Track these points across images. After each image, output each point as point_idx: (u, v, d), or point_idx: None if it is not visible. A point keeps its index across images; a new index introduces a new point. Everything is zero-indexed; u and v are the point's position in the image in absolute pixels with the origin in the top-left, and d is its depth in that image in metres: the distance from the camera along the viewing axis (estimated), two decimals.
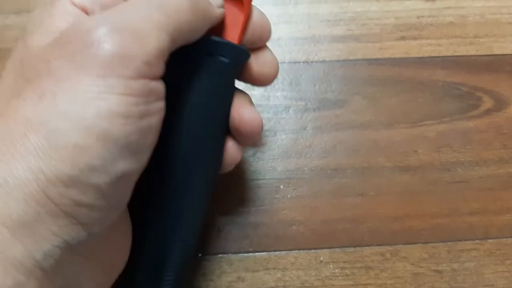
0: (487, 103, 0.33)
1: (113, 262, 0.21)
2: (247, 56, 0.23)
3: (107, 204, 0.18)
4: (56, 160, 0.16)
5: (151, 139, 0.18)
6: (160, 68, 0.18)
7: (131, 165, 0.18)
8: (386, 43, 0.34)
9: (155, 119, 0.18)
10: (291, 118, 0.32)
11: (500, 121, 0.33)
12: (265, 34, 0.24)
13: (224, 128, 0.24)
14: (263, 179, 0.31)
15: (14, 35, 0.33)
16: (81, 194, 0.17)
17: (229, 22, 0.23)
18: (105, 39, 0.17)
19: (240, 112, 0.23)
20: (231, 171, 0.26)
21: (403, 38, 0.34)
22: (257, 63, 0.24)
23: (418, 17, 0.34)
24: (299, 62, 0.33)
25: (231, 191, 0.30)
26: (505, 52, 0.34)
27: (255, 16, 0.24)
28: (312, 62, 0.33)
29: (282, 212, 0.30)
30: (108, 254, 0.21)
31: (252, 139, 0.24)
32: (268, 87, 0.33)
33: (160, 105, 0.18)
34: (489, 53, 0.34)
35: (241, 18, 0.23)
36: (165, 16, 0.18)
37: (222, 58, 0.22)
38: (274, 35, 0.33)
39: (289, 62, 0.33)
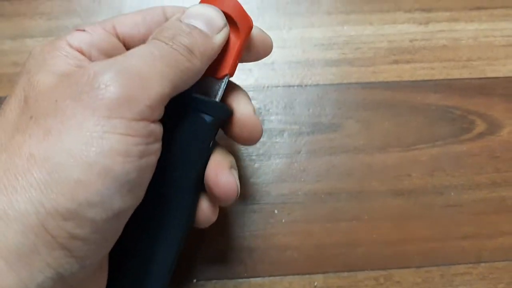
0: (480, 126, 0.33)
1: None
2: (229, 114, 0.24)
3: (102, 238, 0.18)
4: (57, 194, 0.17)
5: (148, 178, 0.19)
6: (160, 112, 0.19)
7: (128, 202, 0.18)
8: (380, 67, 0.34)
9: (153, 159, 0.19)
10: (285, 142, 0.33)
11: (493, 145, 0.33)
12: (268, 50, 0.26)
13: (198, 183, 0.24)
14: (257, 203, 0.31)
15: (10, 60, 0.33)
16: (78, 227, 0.17)
17: (224, 47, 0.23)
18: (111, 83, 0.18)
19: (216, 175, 0.23)
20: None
21: (396, 61, 0.34)
22: (240, 126, 0.24)
23: (411, 41, 0.35)
24: (293, 86, 0.34)
25: (226, 216, 0.31)
26: (498, 75, 0.34)
27: (255, 33, 0.25)
28: (306, 86, 0.34)
29: (276, 237, 0.31)
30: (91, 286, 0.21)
31: (225, 203, 0.24)
32: (262, 111, 0.33)
33: (158, 146, 0.19)
34: (482, 76, 0.34)
35: (236, 44, 0.23)
36: (167, 66, 0.19)
37: (203, 115, 0.23)
38: (268, 59, 0.34)
39: (283, 86, 0.34)
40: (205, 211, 0.24)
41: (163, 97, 0.19)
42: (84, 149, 0.17)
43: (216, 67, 0.23)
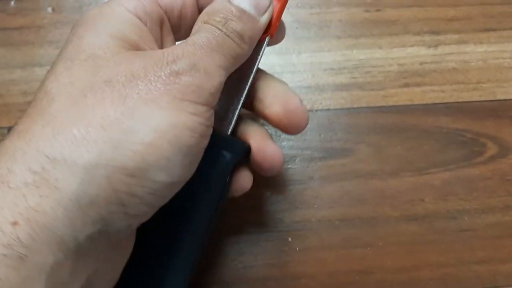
0: (492, 149, 0.34)
1: (121, 260, 0.22)
2: (248, 151, 0.25)
3: (154, 202, 0.20)
4: (128, 152, 0.18)
5: (200, 158, 0.21)
6: (216, 99, 0.21)
7: (184, 175, 0.20)
8: (390, 91, 0.34)
9: (206, 142, 0.21)
10: (297, 168, 0.33)
11: (505, 168, 0.33)
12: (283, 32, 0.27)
13: (215, 210, 0.25)
14: (271, 231, 0.31)
15: (20, 89, 0.33)
16: (139, 186, 0.19)
17: None
18: (186, 72, 0.20)
19: (262, 147, 0.25)
20: (239, 225, 0.26)
21: (406, 85, 0.35)
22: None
23: (421, 64, 0.35)
24: None
25: (240, 246, 0.31)
26: (508, 97, 0.35)
27: None
28: (316, 110, 0.34)
29: (291, 266, 0.31)
30: (121, 251, 0.22)
31: (273, 172, 0.26)
32: (274, 137, 0.33)
33: (211, 131, 0.21)
34: (493, 98, 0.35)
35: (278, 5, 0.24)
36: (223, 56, 0.21)
37: (223, 152, 0.24)
38: None
39: None
40: (242, 179, 0.26)
41: (221, 85, 0.21)
42: (159, 118, 0.19)
43: None
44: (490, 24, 0.36)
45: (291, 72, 0.35)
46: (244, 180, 0.26)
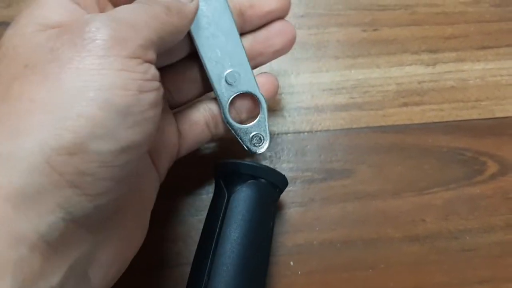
0: (492, 167, 0.34)
1: (126, 243, 0.23)
2: (286, 182, 0.30)
3: (111, 174, 0.19)
4: (60, 130, 0.17)
5: (153, 114, 0.20)
6: (152, 55, 0.21)
7: (134, 136, 0.19)
8: (389, 110, 0.35)
9: (154, 96, 0.20)
10: (298, 190, 0.33)
11: (506, 186, 0.33)
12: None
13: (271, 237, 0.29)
14: (273, 255, 0.32)
15: None
16: (84, 162, 0.18)
17: None
18: (102, 26, 0.19)
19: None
20: None
21: (405, 104, 0.35)
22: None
23: (419, 83, 0.35)
24: (303, 132, 0.34)
25: None
26: (507, 115, 0.35)
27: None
28: (316, 131, 0.34)
29: None
30: (120, 234, 0.22)
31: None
32: (274, 159, 0.34)
33: (156, 84, 0.21)
34: (491, 116, 0.35)
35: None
36: (150, 17, 0.21)
37: (263, 180, 0.28)
38: (278, 105, 0.34)
39: (293, 133, 0.34)
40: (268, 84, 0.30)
41: (152, 42, 0.21)
42: (84, 85, 0.18)
43: None
44: (487, 41, 0.36)
45: (289, 93, 0.35)
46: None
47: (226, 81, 0.28)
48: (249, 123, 0.29)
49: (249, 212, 0.27)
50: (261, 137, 0.29)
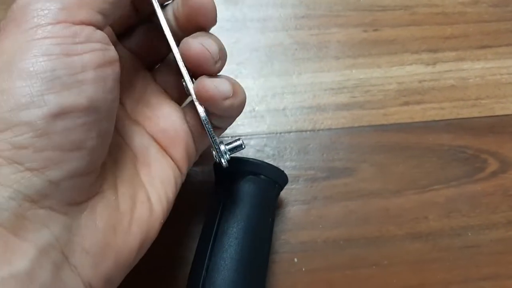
0: (493, 165, 0.34)
1: (118, 232, 0.21)
2: (286, 179, 0.30)
3: (51, 143, 0.18)
4: None
5: (88, 76, 0.19)
6: (84, 15, 0.20)
7: (66, 99, 0.18)
8: (390, 109, 0.35)
9: (89, 57, 0.19)
10: (301, 188, 0.33)
11: (506, 183, 0.34)
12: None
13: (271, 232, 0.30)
14: (277, 253, 0.32)
15: None
16: (17, 135, 0.17)
17: None
18: (29, 1, 0.19)
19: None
20: None
21: (406, 103, 0.35)
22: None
23: (420, 82, 0.36)
24: (305, 131, 0.35)
25: None
26: (507, 113, 0.35)
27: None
28: (318, 130, 0.35)
29: (297, 287, 0.31)
30: (108, 220, 0.21)
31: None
32: (276, 158, 0.34)
33: (94, 46, 0.20)
34: (492, 114, 0.35)
35: None
36: None
37: (262, 176, 0.29)
38: (280, 105, 0.35)
39: (296, 131, 0.35)
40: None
41: (89, 2, 0.20)
42: (6, 61, 0.18)
43: None
44: (487, 41, 0.37)
45: (292, 93, 0.35)
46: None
47: None
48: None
49: (248, 208, 0.28)
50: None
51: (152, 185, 0.24)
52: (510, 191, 0.34)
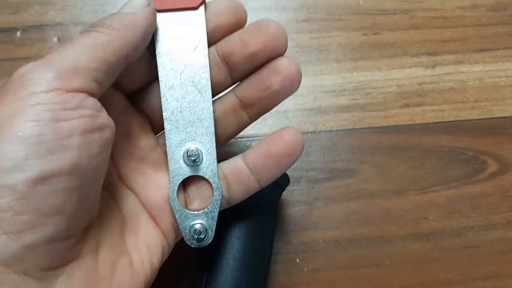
0: (492, 166, 0.35)
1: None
2: (288, 180, 0.31)
3: (30, 207, 0.18)
4: None
5: (74, 142, 0.20)
6: (78, 83, 0.20)
7: (49, 164, 0.19)
8: (391, 111, 0.36)
9: (75, 123, 0.20)
10: (302, 189, 0.34)
11: (506, 184, 0.35)
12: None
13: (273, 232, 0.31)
14: (279, 253, 0.32)
15: None
16: None
17: None
18: (29, 69, 0.20)
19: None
20: None
21: (406, 105, 0.36)
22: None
23: (419, 84, 0.37)
24: (307, 133, 0.35)
25: None
26: (505, 115, 0.36)
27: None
28: (319, 132, 0.35)
29: (299, 287, 0.32)
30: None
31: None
32: None
33: (83, 112, 0.20)
34: (491, 116, 0.36)
35: None
36: (82, 46, 0.21)
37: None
38: (281, 107, 0.35)
39: None
40: None
41: (85, 69, 0.21)
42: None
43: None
44: (485, 44, 0.38)
45: (293, 95, 0.36)
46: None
47: (185, 157, 0.25)
48: (197, 209, 0.25)
49: (250, 209, 0.28)
50: (206, 229, 0.25)
51: (137, 250, 0.24)
52: (510, 192, 0.34)
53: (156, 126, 0.27)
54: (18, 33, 0.36)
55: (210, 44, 0.25)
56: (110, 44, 0.22)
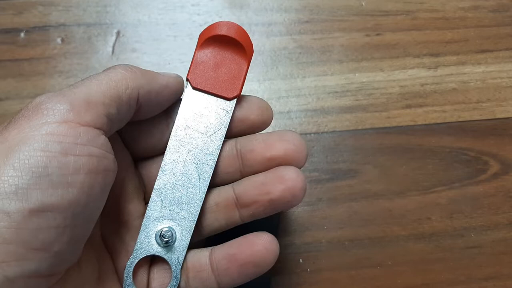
0: (494, 167, 0.35)
1: None
2: None
3: (19, 238, 0.18)
4: None
5: (81, 180, 0.20)
6: (91, 117, 0.21)
7: (48, 198, 0.19)
8: (393, 112, 0.36)
9: (84, 160, 0.20)
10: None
11: (508, 185, 0.35)
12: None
13: None
14: (281, 253, 0.32)
15: None
16: None
17: (232, 71, 0.25)
18: (37, 98, 0.21)
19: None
20: None
21: (409, 106, 0.36)
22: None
23: (422, 85, 0.37)
24: (310, 134, 0.36)
25: None
26: (507, 116, 0.36)
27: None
28: (322, 133, 0.36)
29: (302, 287, 0.32)
30: None
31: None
32: None
33: (93, 150, 0.20)
34: (492, 117, 0.36)
35: (244, 66, 0.26)
36: (99, 84, 0.22)
37: None
38: (285, 108, 0.36)
39: (300, 134, 0.36)
40: None
41: (88, 103, 0.21)
42: (7, 146, 0.19)
43: (227, 89, 0.25)
44: (487, 45, 0.38)
45: (296, 96, 0.36)
46: None
47: (158, 234, 0.24)
48: None
49: None
50: None
51: None
52: (511, 193, 0.35)
53: (148, 197, 0.26)
54: (22, 34, 0.36)
55: (230, 135, 0.26)
56: (123, 81, 0.22)
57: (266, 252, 0.24)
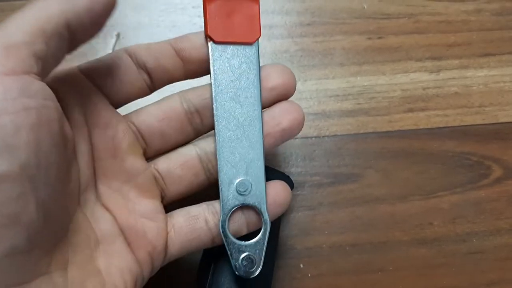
0: (497, 171, 0.35)
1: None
2: (292, 184, 0.31)
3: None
4: None
5: (23, 138, 0.17)
6: (13, 63, 0.18)
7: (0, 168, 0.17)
8: (395, 116, 0.36)
9: (21, 116, 0.17)
10: (306, 194, 0.34)
11: (511, 190, 0.35)
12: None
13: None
14: (282, 258, 0.32)
15: None
16: None
17: (246, 15, 0.26)
18: None
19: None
20: None
21: (411, 110, 0.36)
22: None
23: (424, 89, 0.37)
24: (311, 138, 0.35)
25: None
26: (510, 120, 0.36)
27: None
28: (324, 137, 0.36)
29: None
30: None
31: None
32: (282, 164, 0.35)
33: (26, 102, 0.18)
34: (495, 121, 0.36)
35: (255, 8, 0.27)
36: (22, 18, 0.19)
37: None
38: None
39: (301, 138, 0.35)
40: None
41: (8, 47, 0.18)
42: None
43: (247, 34, 0.26)
44: (490, 49, 0.38)
45: (297, 99, 0.36)
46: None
47: (236, 189, 0.26)
48: (245, 239, 0.26)
49: None
50: (254, 260, 0.26)
51: (110, 274, 0.23)
52: None
53: (149, 150, 0.26)
54: None
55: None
56: (43, 11, 0.19)
57: None
